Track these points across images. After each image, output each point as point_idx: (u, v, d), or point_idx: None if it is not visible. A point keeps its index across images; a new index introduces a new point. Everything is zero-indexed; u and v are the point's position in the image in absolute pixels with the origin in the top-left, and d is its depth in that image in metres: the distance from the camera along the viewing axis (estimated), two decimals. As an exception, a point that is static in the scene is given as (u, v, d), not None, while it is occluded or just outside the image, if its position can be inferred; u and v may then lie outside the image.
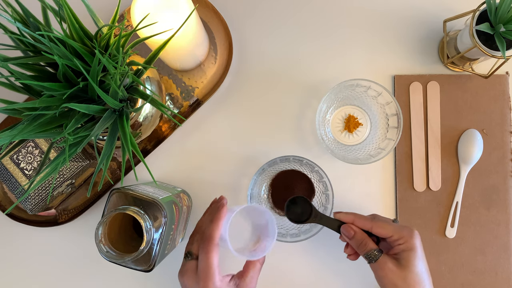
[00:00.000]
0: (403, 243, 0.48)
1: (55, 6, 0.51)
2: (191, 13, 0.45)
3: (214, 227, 0.47)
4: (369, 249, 0.50)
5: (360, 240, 0.51)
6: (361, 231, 0.51)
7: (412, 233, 0.49)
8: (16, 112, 0.42)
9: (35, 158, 0.56)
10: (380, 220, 0.52)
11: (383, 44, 0.66)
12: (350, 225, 0.52)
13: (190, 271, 0.48)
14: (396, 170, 0.64)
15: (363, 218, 0.52)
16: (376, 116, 0.63)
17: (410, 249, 0.48)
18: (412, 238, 0.49)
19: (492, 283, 0.62)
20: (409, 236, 0.49)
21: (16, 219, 0.63)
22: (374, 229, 0.51)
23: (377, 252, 0.50)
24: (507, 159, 0.64)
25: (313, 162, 0.57)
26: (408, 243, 0.48)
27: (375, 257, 0.50)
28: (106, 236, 0.47)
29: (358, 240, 0.51)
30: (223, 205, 0.50)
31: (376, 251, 0.50)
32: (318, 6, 0.66)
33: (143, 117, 0.55)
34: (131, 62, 0.46)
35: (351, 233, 0.51)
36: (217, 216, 0.48)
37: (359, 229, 0.51)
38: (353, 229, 0.51)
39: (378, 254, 0.50)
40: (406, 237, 0.48)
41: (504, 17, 0.52)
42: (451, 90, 0.64)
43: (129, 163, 0.64)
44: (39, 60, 0.43)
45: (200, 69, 0.64)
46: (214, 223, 0.48)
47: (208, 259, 0.46)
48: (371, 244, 0.50)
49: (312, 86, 0.65)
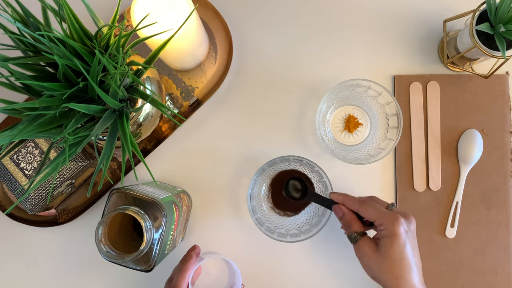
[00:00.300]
0: (383, 229, 0.49)
1: (55, 6, 0.51)
2: (191, 13, 0.45)
3: (180, 278, 0.51)
4: (352, 230, 0.52)
5: (348, 221, 0.52)
6: (350, 212, 0.53)
7: (396, 220, 0.48)
8: (16, 112, 0.42)
9: (35, 158, 0.56)
10: (367, 204, 0.51)
11: (383, 44, 0.66)
12: (340, 206, 0.54)
13: None
14: (396, 170, 0.64)
15: (352, 200, 0.53)
16: (376, 116, 0.63)
17: (389, 236, 0.48)
18: (394, 225, 0.48)
19: (492, 283, 0.62)
20: (390, 223, 0.48)
21: (16, 219, 0.63)
22: (360, 212, 0.52)
23: (357, 235, 0.51)
24: (507, 159, 0.64)
25: (313, 162, 0.57)
26: (388, 230, 0.48)
27: (354, 238, 0.51)
28: (106, 236, 0.47)
29: (346, 220, 0.53)
30: (191, 256, 0.53)
31: (356, 234, 0.51)
32: (318, 6, 0.66)
33: (143, 117, 0.55)
34: (131, 62, 0.46)
35: (340, 214, 0.53)
36: (184, 266, 0.52)
37: (348, 211, 0.53)
38: (342, 209, 0.53)
39: (357, 237, 0.51)
40: (387, 224, 0.48)
41: (504, 17, 0.52)
42: (451, 90, 0.64)
43: (129, 163, 0.64)
44: (39, 60, 0.43)
45: (200, 69, 0.64)
46: (181, 273, 0.51)
47: None
48: (355, 226, 0.52)
49: (312, 86, 0.65)
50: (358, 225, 0.52)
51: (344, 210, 0.53)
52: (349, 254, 0.63)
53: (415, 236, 0.50)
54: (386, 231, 0.48)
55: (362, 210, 0.52)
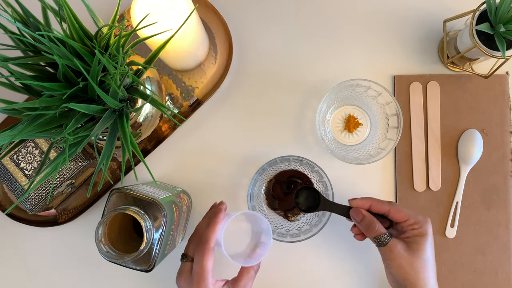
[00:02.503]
0: (417, 228, 0.50)
1: (55, 6, 0.51)
2: (191, 13, 0.45)
3: (210, 231, 0.48)
4: (379, 232, 0.51)
5: (369, 224, 0.52)
6: (370, 215, 0.52)
7: (427, 219, 0.51)
8: (16, 112, 0.42)
9: (35, 158, 0.56)
10: (398, 205, 0.52)
11: (383, 44, 0.66)
12: (359, 209, 0.53)
13: (185, 272, 0.50)
14: (396, 170, 0.64)
15: (380, 203, 0.53)
16: (376, 116, 0.63)
17: (423, 235, 0.49)
18: (427, 224, 0.50)
19: (492, 283, 0.62)
20: (424, 222, 0.50)
21: (16, 219, 0.63)
22: (391, 212, 0.52)
23: (387, 236, 0.50)
24: (507, 159, 0.64)
25: (313, 162, 0.57)
26: (422, 229, 0.49)
27: (385, 240, 0.50)
28: (106, 236, 0.46)
29: (366, 223, 0.52)
30: (220, 210, 0.51)
31: (386, 235, 0.51)
32: (318, 7, 0.66)
33: (143, 117, 0.55)
34: (131, 62, 0.46)
35: (360, 217, 0.52)
36: (214, 220, 0.49)
37: (368, 213, 0.52)
38: (362, 213, 0.52)
39: (388, 238, 0.50)
40: (421, 222, 0.50)
41: (504, 17, 0.52)
42: (451, 90, 0.64)
43: (129, 163, 0.64)
44: (39, 60, 0.43)
45: (200, 69, 0.64)
46: (210, 227, 0.49)
47: (202, 262, 0.47)
48: (381, 227, 0.51)
49: (312, 86, 0.65)
50: (381, 226, 0.52)
51: (364, 213, 0.52)
52: (349, 254, 0.63)
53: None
54: (419, 230, 0.50)
55: (394, 210, 0.51)
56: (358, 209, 0.53)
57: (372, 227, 0.51)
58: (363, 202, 0.53)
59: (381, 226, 0.51)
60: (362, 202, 0.53)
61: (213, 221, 0.49)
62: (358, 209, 0.53)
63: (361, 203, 0.53)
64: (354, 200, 0.54)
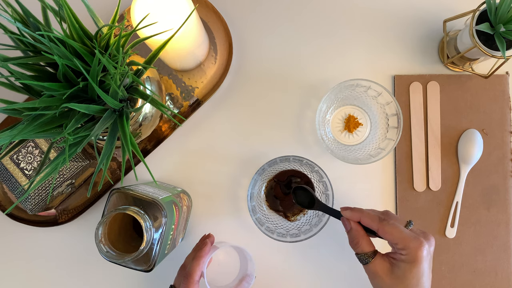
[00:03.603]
0: (405, 254, 0.46)
1: (55, 6, 0.51)
2: (191, 13, 0.45)
3: (194, 265, 0.49)
4: (360, 251, 0.49)
5: (353, 237, 0.50)
6: (358, 227, 0.50)
7: (420, 246, 0.45)
8: (16, 112, 0.42)
9: (35, 158, 0.56)
10: (389, 224, 0.48)
11: (383, 44, 0.66)
12: (348, 220, 0.51)
13: None
14: (396, 170, 0.64)
15: (371, 218, 0.49)
16: (376, 116, 0.63)
17: (410, 262, 0.45)
18: (418, 251, 0.45)
19: (492, 283, 0.62)
20: (415, 249, 0.45)
21: (16, 219, 0.63)
22: (380, 232, 0.48)
23: (368, 256, 0.48)
24: (507, 159, 0.64)
25: (313, 162, 0.57)
26: (411, 256, 0.45)
27: (365, 260, 0.49)
28: (106, 236, 0.47)
29: (352, 236, 0.50)
30: (206, 244, 0.52)
31: (367, 255, 0.48)
32: (318, 7, 0.66)
33: (143, 117, 0.55)
34: (131, 62, 0.46)
35: (347, 228, 0.51)
36: (199, 254, 0.50)
37: (356, 226, 0.50)
38: (350, 224, 0.51)
39: (368, 258, 0.48)
40: (411, 250, 0.45)
41: (504, 17, 0.52)
42: (451, 90, 0.64)
43: (129, 163, 0.64)
44: (39, 60, 0.42)
45: (200, 69, 0.64)
46: (195, 260, 0.50)
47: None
48: (365, 246, 0.49)
49: (312, 86, 0.65)
50: (367, 243, 0.49)
51: (352, 225, 0.50)
52: (349, 254, 0.63)
53: (432, 257, 0.47)
54: (408, 257, 0.45)
55: (382, 232, 0.48)
56: (347, 220, 0.51)
57: (355, 242, 0.49)
58: (353, 214, 0.51)
59: (366, 244, 0.49)
60: (352, 214, 0.51)
61: (198, 254, 0.50)
62: (347, 220, 0.51)
63: (350, 215, 0.51)
64: (345, 211, 0.52)
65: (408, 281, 0.45)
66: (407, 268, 0.45)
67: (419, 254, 0.45)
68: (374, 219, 0.49)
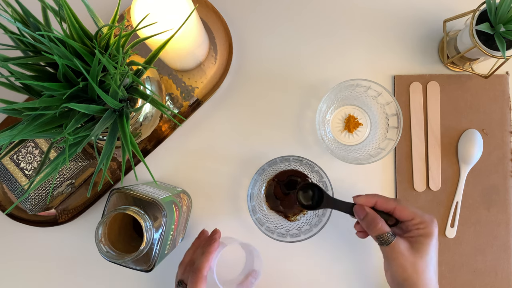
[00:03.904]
0: (423, 228, 0.48)
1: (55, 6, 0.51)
2: (191, 13, 0.45)
3: (204, 260, 0.51)
4: (382, 231, 0.50)
5: (372, 221, 0.50)
6: (373, 212, 0.51)
7: (433, 219, 0.49)
8: (16, 112, 0.42)
9: (35, 158, 0.56)
10: (403, 203, 0.51)
11: (383, 44, 0.66)
12: (363, 206, 0.52)
13: None
14: (396, 170, 0.64)
15: (386, 200, 0.52)
16: (376, 116, 0.63)
17: (428, 235, 0.48)
18: (433, 224, 0.49)
19: (492, 283, 0.62)
20: (430, 222, 0.49)
21: (16, 219, 0.63)
22: (397, 210, 0.50)
23: (390, 235, 0.49)
24: (507, 159, 0.64)
25: (313, 162, 0.57)
26: (428, 229, 0.48)
27: (387, 239, 0.49)
28: (106, 236, 0.47)
29: (369, 221, 0.51)
30: (215, 240, 0.53)
31: (389, 234, 0.49)
32: (318, 6, 0.66)
33: (143, 117, 0.55)
34: (131, 62, 0.46)
35: (363, 214, 0.51)
36: (208, 249, 0.52)
37: (372, 210, 0.51)
38: (365, 210, 0.51)
39: (391, 237, 0.49)
40: (427, 222, 0.49)
41: (504, 17, 0.52)
42: (451, 90, 0.64)
43: (129, 163, 0.64)
44: (39, 60, 0.43)
45: (200, 69, 0.64)
46: (204, 256, 0.51)
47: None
48: (384, 226, 0.50)
49: (312, 86, 0.65)
50: (384, 224, 0.50)
51: (368, 210, 0.51)
52: (349, 254, 0.63)
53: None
54: (425, 230, 0.48)
55: (400, 208, 0.50)
56: (361, 206, 0.52)
57: (374, 225, 0.50)
58: (368, 199, 0.52)
59: (384, 224, 0.50)
60: (367, 199, 0.52)
61: (208, 249, 0.52)
62: (361, 206, 0.52)
63: (366, 200, 0.52)
64: (359, 197, 0.53)
65: (427, 255, 0.48)
66: (426, 241, 0.48)
67: (435, 228, 0.49)
68: (389, 200, 0.51)
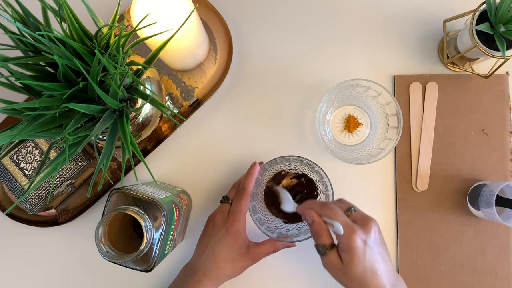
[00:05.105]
0: (340, 242, 0.47)
1: (55, 6, 0.51)
2: (191, 13, 0.45)
3: (248, 181, 0.56)
4: (320, 242, 0.49)
5: (316, 231, 0.49)
6: (321, 221, 0.49)
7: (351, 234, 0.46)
8: (16, 112, 0.42)
9: (35, 158, 0.56)
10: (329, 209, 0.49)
11: (383, 44, 0.66)
12: (311, 212, 0.50)
13: (222, 211, 0.56)
14: (396, 170, 0.64)
15: (313, 203, 0.51)
16: (376, 116, 0.63)
17: (347, 251, 0.46)
18: (349, 240, 0.45)
19: (492, 283, 0.62)
20: (346, 238, 0.46)
21: (16, 219, 0.63)
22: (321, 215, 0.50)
23: (325, 248, 0.48)
24: (507, 159, 0.64)
25: (313, 162, 0.57)
26: (345, 245, 0.46)
27: (322, 251, 0.49)
28: (106, 236, 0.47)
29: (314, 229, 0.50)
30: (255, 163, 0.58)
31: (324, 247, 0.48)
32: (318, 7, 0.66)
33: (143, 117, 0.55)
34: (131, 62, 0.46)
35: (310, 220, 0.50)
36: (250, 172, 0.57)
37: (319, 219, 0.49)
38: (312, 216, 0.50)
39: (325, 250, 0.48)
40: (342, 238, 0.46)
41: (504, 17, 0.52)
42: (451, 90, 0.64)
43: (129, 163, 0.64)
44: (39, 60, 0.43)
45: (200, 69, 0.64)
46: (248, 178, 0.56)
47: (240, 205, 0.55)
48: (324, 237, 0.49)
49: (312, 86, 0.65)
50: (327, 236, 0.49)
51: (315, 218, 0.49)
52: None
53: (377, 241, 0.47)
54: (343, 246, 0.46)
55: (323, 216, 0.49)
56: (310, 211, 0.50)
57: (317, 235, 0.49)
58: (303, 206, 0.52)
59: (326, 236, 0.48)
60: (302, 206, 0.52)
61: (250, 172, 0.57)
62: (310, 211, 0.50)
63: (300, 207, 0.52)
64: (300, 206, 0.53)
65: (353, 269, 0.46)
66: (348, 258, 0.46)
67: (352, 244, 0.45)
68: (316, 204, 0.50)
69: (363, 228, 0.47)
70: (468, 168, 0.63)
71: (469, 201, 0.62)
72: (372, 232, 0.47)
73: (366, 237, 0.46)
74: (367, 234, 0.47)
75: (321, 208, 0.50)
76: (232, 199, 0.57)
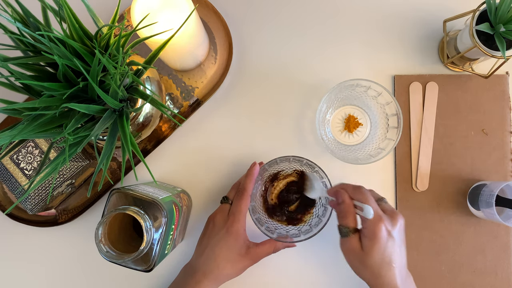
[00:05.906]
0: (365, 228, 0.48)
1: (55, 6, 0.51)
2: (191, 13, 0.45)
3: (248, 181, 0.56)
4: (345, 224, 0.49)
5: (344, 211, 0.50)
6: (350, 203, 0.50)
7: (377, 222, 0.47)
8: (16, 112, 0.42)
9: (35, 158, 0.56)
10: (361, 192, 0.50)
11: (383, 44, 0.66)
12: (343, 192, 0.51)
13: (222, 211, 0.56)
14: (396, 170, 0.64)
15: (347, 186, 0.52)
16: (376, 116, 0.63)
17: (370, 238, 0.47)
18: (375, 227, 0.47)
19: (492, 283, 0.62)
20: (371, 225, 0.47)
21: (16, 219, 0.63)
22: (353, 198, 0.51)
23: (348, 231, 0.49)
24: (507, 159, 0.64)
25: (313, 162, 0.57)
26: (369, 232, 0.47)
27: (345, 233, 0.49)
28: (106, 236, 0.47)
29: (341, 210, 0.50)
30: (254, 163, 0.58)
31: (348, 230, 0.49)
32: (318, 7, 0.66)
33: (143, 117, 0.55)
34: (131, 62, 0.46)
35: (340, 199, 0.51)
36: (249, 172, 0.57)
37: (349, 201, 0.50)
38: (343, 197, 0.50)
39: (348, 232, 0.49)
40: (368, 224, 0.47)
41: (504, 17, 0.52)
42: (451, 90, 0.64)
43: (129, 163, 0.64)
44: (39, 60, 0.43)
45: (200, 69, 0.64)
46: (248, 178, 0.56)
47: (240, 206, 0.55)
48: (350, 220, 0.49)
49: (312, 86, 0.65)
50: (353, 218, 0.49)
51: (345, 199, 0.50)
52: (349, 254, 0.63)
53: (400, 236, 0.48)
54: (367, 231, 0.47)
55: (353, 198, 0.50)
56: (343, 192, 0.51)
57: (343, 216, 0.50)
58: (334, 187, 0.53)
59: (352, 219, 0.49)
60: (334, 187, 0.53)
61: (249, 172, 0.57)
62: (343, 192, 0.51)
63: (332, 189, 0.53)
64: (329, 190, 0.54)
65: (373, 257, 0.47)
66: (369, 245, 0.47)
67: (377, 232, 0.46)
68: (349, 186, 0.51)
69: (390, 219, 0.48)
70: (468, 168, 0.63)
71: (469, 201, 0.62)
72: (398, 225, 0.48)
73: (392, 228, 0.47)
74: (394, 226, 0.48)
75: (354, 191, 0.50)
76: (232, 200, 0.57)
